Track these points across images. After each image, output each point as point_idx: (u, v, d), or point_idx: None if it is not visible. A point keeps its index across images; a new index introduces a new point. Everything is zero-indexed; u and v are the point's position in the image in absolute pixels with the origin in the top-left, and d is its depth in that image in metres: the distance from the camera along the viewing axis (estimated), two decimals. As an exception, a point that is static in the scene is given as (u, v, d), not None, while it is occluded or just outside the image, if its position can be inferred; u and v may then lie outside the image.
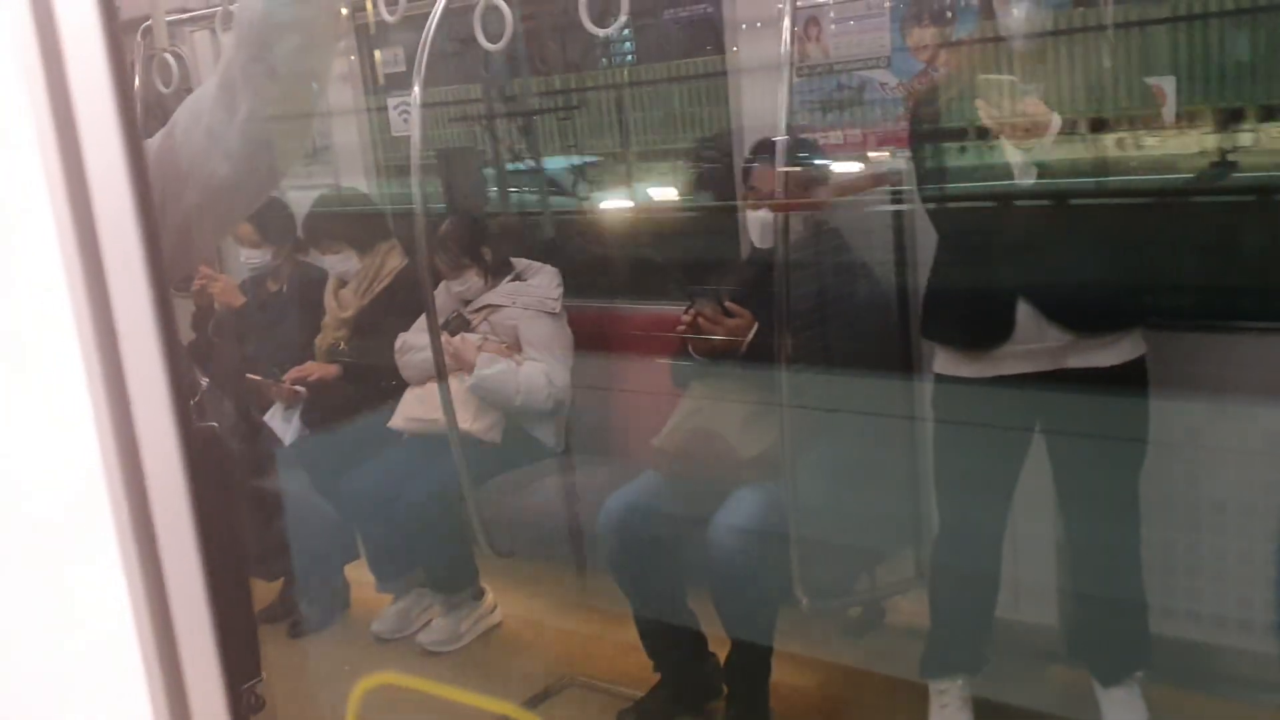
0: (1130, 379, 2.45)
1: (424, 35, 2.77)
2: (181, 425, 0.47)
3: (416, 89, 2.78)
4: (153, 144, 1.22)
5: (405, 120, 3.58)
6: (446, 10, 2.80)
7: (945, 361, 2.55)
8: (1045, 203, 2.33)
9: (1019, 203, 2.36)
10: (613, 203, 4.54)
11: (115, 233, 0.46)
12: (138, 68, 3.80)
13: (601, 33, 2.63)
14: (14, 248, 0.46)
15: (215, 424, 1.09)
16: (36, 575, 0.50)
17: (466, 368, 3.24)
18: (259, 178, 1.27)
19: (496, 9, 2.70)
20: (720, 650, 2.89)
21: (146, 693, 0.48)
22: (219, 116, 1.19)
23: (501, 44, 2.84)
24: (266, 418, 3.64)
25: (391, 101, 3.95)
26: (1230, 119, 2.77)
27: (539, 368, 3.31)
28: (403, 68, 3.85)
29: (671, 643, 2.92)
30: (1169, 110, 2.53)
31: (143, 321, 0.46)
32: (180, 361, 0.47)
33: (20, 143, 0.45)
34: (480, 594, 3.54)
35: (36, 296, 0.45)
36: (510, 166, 4.43)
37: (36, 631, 0.51)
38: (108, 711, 0.49)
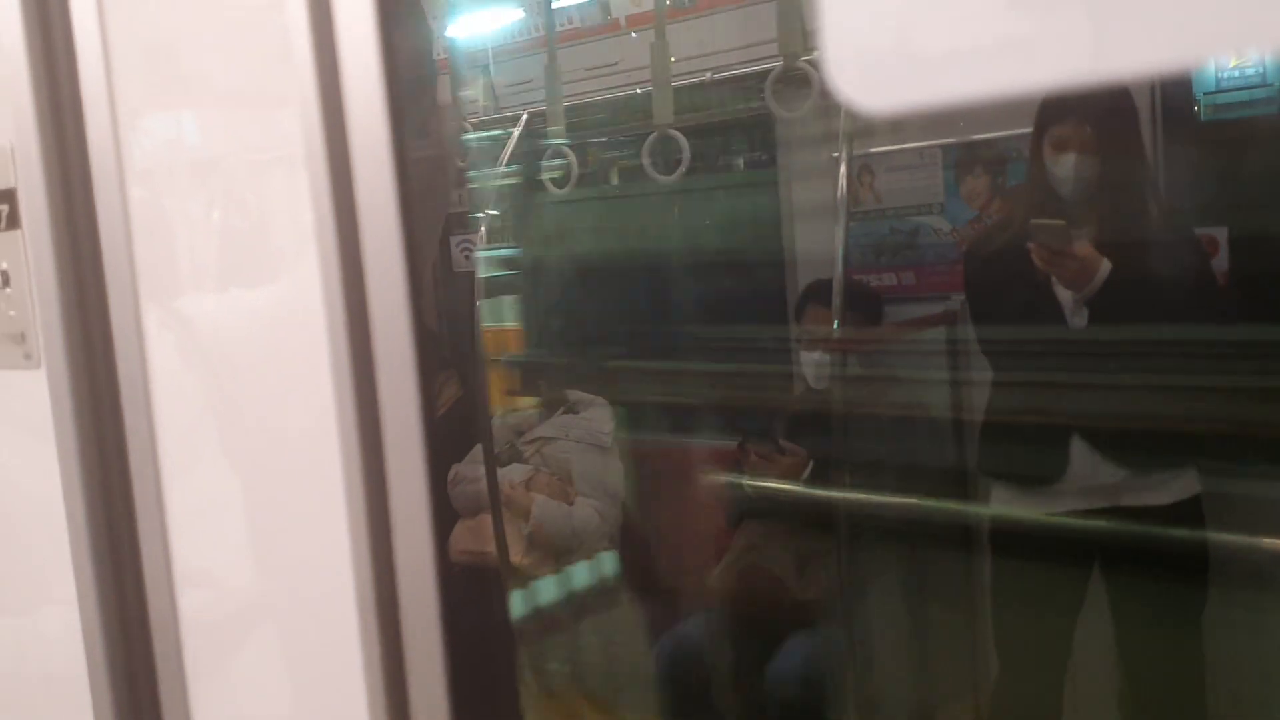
0: (1186, 518, 2.43)
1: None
2: (425, 408, 0.53)
3: (483, 230, 2.89)
4: None
5: (467, 258, 3.69)
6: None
7: (1002, 498, 2.55)
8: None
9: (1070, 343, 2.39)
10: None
11: (377, 235, 0.54)
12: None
13: (665, 180, 2.74)
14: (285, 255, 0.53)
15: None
16: (275, 556, 0.57)
17: (522, 515, 3.26)
18: None
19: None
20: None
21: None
22: None
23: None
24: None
25: (454, 240, 4.06)
26: None
27: (591, 505, 3.32)
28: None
29: (724, 788, 2.84)
30: (1220, 262, 2.56)
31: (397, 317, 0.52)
32: (428, 353, 0.54)
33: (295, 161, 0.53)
34: (524, 733, 3.47)
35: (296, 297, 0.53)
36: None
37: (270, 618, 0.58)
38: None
